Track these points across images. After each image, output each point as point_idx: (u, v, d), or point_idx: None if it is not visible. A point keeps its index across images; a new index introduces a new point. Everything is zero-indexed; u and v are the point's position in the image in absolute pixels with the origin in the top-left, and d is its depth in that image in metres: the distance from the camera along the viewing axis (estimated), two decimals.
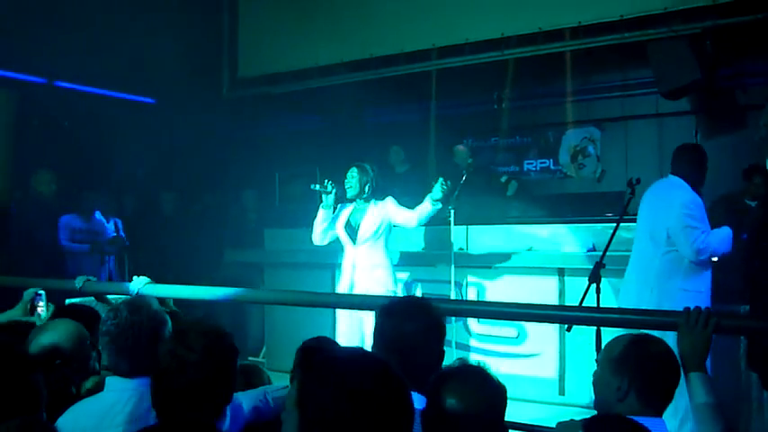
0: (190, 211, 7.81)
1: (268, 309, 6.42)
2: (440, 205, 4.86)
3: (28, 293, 3.46)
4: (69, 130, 7.40)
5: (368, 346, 3.55)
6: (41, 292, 3.52)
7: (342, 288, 4.99)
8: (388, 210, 4.97)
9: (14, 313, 3.32)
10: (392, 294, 4.79)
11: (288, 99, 8.03)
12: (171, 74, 7.55)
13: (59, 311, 2.81)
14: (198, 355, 1.94)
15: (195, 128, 7.87)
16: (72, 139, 7.43)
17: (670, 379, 2.13)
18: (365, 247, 4.94)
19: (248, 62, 8.24)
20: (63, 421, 2.14)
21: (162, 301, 3.16)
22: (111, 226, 7.22)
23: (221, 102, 8.30)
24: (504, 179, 7.04)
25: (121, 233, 7.32)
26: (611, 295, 4.72)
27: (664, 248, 4.17)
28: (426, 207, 4.85)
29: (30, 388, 1.74)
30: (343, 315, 4.98)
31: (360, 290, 4.85)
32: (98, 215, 6.99)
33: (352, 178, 5.00)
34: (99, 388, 2.34)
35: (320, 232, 5.08)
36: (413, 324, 2.04)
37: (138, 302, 2.39)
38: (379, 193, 5.03)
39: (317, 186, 5.00)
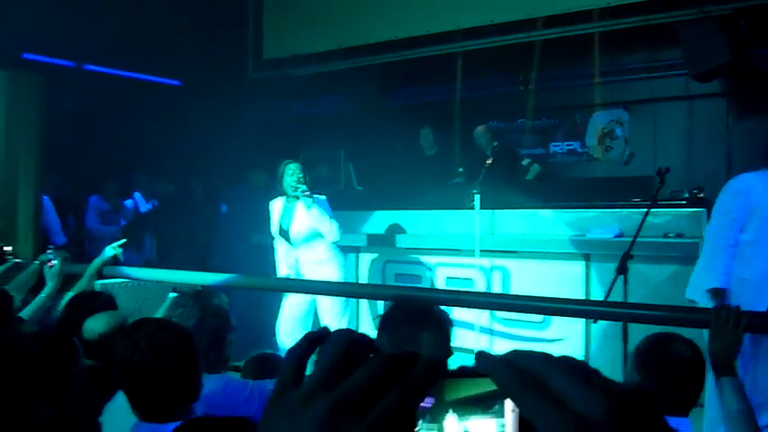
0: (218, 194, 7.86)
1: None
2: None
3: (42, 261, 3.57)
4: (97, 113, 7.48)
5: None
6: (50, 249, 3.63)
7: None
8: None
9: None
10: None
11: (313, 81, 8.02)
12: (196, 56, 7.59)
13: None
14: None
15: (221, 109, 7.91)
16: (100, 122, 7.51)
17: (677, 387, 2.04)
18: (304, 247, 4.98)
19: (273, 43, 8.23)
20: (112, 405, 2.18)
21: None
22: (129, 202, 7.27)
23: (246, 83, 8.32)
24: (525, 162, 6.93)
25: (140, 207, 7.35)
26: (638, 284, 4.65)
27: None
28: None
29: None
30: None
31: None
32: (136, 197, 7.08)
33: (300, 174, 4.91)
34: None
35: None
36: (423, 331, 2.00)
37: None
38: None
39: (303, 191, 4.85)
